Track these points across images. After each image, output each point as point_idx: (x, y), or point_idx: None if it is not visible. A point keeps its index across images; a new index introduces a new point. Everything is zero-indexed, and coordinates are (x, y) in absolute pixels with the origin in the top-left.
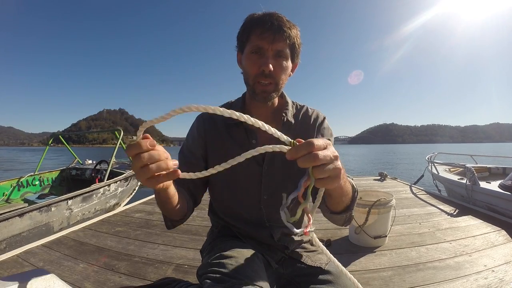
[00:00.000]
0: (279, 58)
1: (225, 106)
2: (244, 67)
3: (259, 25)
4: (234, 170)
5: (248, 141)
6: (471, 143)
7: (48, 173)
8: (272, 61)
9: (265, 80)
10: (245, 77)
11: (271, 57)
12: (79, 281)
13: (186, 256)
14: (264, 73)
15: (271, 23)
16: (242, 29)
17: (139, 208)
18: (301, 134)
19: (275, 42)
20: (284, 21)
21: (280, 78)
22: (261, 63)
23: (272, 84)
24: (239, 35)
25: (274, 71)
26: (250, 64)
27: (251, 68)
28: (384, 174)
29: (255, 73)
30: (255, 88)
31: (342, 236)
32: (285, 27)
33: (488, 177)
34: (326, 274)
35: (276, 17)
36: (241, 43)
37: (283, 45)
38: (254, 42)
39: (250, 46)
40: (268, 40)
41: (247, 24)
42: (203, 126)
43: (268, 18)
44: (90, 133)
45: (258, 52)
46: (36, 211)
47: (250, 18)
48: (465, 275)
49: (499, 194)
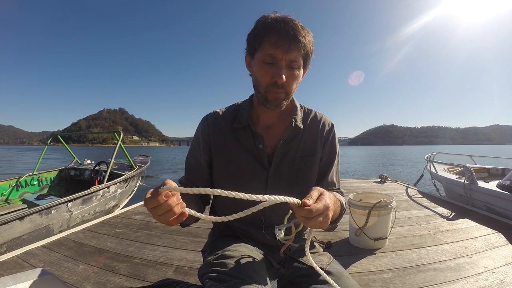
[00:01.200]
0: (292, 69)
1: (232, 108)
2: (255, 74)
3: (273, 32)
4: (240, 173)
5: (255, 146)
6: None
7: (47, 173)
8: (285, 72)
9: (277, 90)
10: (256, 84)
11: (284, 67)
12: (79, 282)
13: (186, 258)
14: (277, 84)
15: (286, 31)
16: (255, 33)
17: (139, 210)
18: (308, 140)
19: (289, 52)
20: (300, 29)
21: (291, 88)
22: (273, 74)
23: (283, 93)
24: (251, 39)
25: (286, 82)
26: (262, 73)
27: (263, 77)
28: (384, 177)
29: (267, 83)
30: (267, 96)
31: (342, 238)
32: (301, 36)
33: (487, 177)
34: (327, 275)
35: (291, 24)
36: (252, 47)
37: (297, 55)
38: (268, 50)
39: (263, 54)
40: (282, 50)
41: (260, 28)
42: (208, 129)
43: (283, 25)
44: (90, 133)
45: (271, 62)
46: (36, 214)
47: (263, 22)
48: (465, 277)
49: (497, 193)
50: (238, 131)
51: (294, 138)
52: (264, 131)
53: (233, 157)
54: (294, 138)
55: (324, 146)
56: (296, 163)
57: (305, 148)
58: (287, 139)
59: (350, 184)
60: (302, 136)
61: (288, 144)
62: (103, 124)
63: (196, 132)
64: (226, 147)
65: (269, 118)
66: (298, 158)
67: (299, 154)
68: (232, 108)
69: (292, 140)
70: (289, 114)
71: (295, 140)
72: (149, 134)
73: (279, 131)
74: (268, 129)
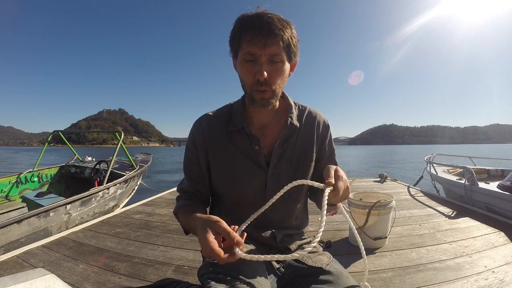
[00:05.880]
0: (274, 63)
1: (225, 109)
2: (239, 75)
3: (248, 30)
4: (238, 176)
5: (251, 148)
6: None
7: (47, 170)
8: (266, 67)
9: (261, 88)
10: (242, 84)
11: (265, 63)
12: (79, 281)
13: (186, 257)
14: (260, 82)
15: (260, 27)
16: (232, 34)
17: (139, 210)
18: (305, 137)
19: (267, 47)
20: (275, 22)
21: (276, 84)
22: (255, 71)
23: (269, 92)
24: (230, 41)
25: (269, 78)
26: (244, 72)
27: (246, 77)
28: (384, 176)
29: (250, 82)
30: (253, 96)
31: (342, 237)
32: (277, 29)
33: (487, 178)
34: (327, 275)
35: (266, 18)
36: (234, 49)
37: (277, 49)
38: (246, 49)
39: (242, 53)
40: (259, 46)
41: (236, 29)
42: (203, 136)
43: (257, 21)
44: (90, 133)
45: (251, 59)
46: (34, 217)
47: (239, 22)
48: (465, 276)
49: (498, 194)
50: (233, 134)
51: (291, 137)
52: (259, 132)
53: (230, 161)
54: (291, 137)
55: (322, 144)
56: (294, 162)
57: (302, 146)
58: (283, 138)
59: (349, 183)
60: (299, 134)
61: (285, 144)
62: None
63: (190, 137)
64: (222, 152)
65: (263, 117)
66: (295, 156)
67: (297, 152)
68: (225, 110)
69: (289, 139)
70: (284, 112)
71: (291, 139)
72: (149, 134)
73: (274, 131)
74: (263, 129)
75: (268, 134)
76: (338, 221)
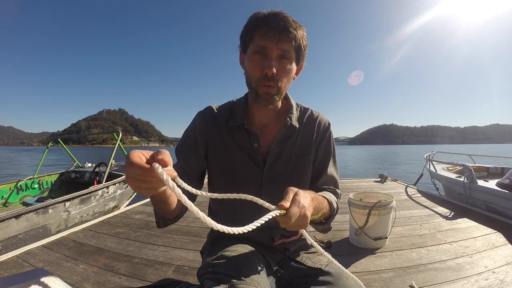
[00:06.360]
0: (284, 60)
1: (228, 105)
2: (246, 69)
3: (263, 25)
4: (234, 173)
5: (250, 145)
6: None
7: (48, 176)
8: (275, 63)
9: (268, 83)
10: (248, 79)
11: (275, 59)
12: (79, 282)
13: (186, 258)
14: (267, 76)
15: (276, 22)
16: (246, 28)
17: (139, 210)
18: (304, 139)
19: (280, 43)
20: (290, 21)
21: (282, 81)
22: (264, 66)
23: (275, 87)
24: (242, 35)
25: (277, 74)
26: (253, 66)
27: (254, 70)
28: (385, 176)
29: (258, 76)
30: (258, 90)
31: (342, 237)
32: (291, 27)
33: (486, 176)
34: (326, 275)
35: (281, 16)
36: (244, 42)
37: (288, 46)
38: (258, 42)
39: (254, 46)
40: (272, 40)
41: (251, 23)
42: (205, 125)
43: (273, 17)
44: (90, 134)
45: (262, 53)
46: (33, 213)
47: (254, 17)
48: (465, 276)
49: (497, 192)
50: (233, 129)
51: (290, 137)
52: (259, 130)
53: (228, 155)
54: (290, 137)
55: (319, 145)
56: (291, 162)
57: (301, 147)
58: (281, 138)
59: (350, 183)
60: (298, 135)
61: (283, 144)
62: (103, 125)
63: (192, 125)
64: (221, 145)
65: (264, 117)
66: (293, 157)
67: (295, 153)
68: (227, 106)
69: (288, 140)
70: (285, 113)
71: (290, 139)
72: (149, 134)
73: (274, 131)
74: (263, 128)
75: (267, 134)
76: (338, 221)
